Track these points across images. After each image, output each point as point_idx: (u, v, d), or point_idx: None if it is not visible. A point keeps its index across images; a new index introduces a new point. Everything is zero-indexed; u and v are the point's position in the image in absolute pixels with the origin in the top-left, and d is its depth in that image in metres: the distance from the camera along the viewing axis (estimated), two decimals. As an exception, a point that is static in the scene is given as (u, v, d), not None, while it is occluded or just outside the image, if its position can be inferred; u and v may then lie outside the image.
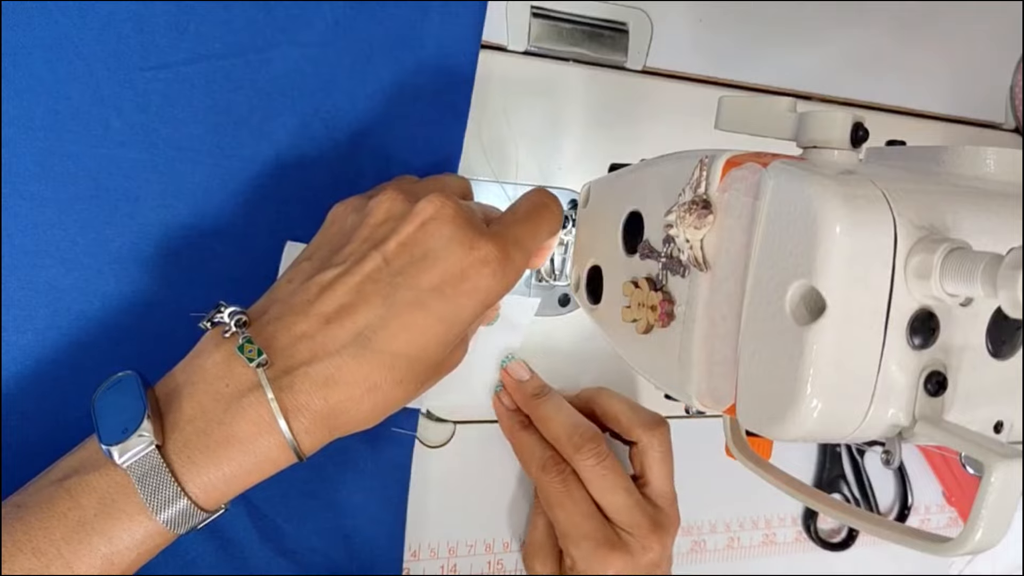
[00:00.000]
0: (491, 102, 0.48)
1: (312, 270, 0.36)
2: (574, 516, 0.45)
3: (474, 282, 0.35)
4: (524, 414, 0.48)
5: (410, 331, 0.34)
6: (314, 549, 0.45)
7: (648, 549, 0.45)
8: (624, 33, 0.52)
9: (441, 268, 0.34)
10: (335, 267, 0.35)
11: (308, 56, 0.43)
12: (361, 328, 0.34)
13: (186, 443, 0.32)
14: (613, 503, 0.45)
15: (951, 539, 0.29)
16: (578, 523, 0.45)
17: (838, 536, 0.63)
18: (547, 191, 0.40)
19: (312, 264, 0.36)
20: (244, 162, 0.43)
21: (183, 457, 0.32)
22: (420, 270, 0.34)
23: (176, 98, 0.41)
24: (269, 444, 0.33)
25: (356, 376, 0.33)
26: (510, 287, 0.36)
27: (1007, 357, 0.32)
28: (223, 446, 0.32)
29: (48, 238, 0.39)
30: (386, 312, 0.34)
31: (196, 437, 0.32)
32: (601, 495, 0.45)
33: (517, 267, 0.36)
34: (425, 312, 0.34)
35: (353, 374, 0.33)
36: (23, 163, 0.39)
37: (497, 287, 0.35)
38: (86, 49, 0.39)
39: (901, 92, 0.61)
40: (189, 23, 0.41)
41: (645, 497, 0.46)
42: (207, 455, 0.32)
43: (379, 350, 0.34)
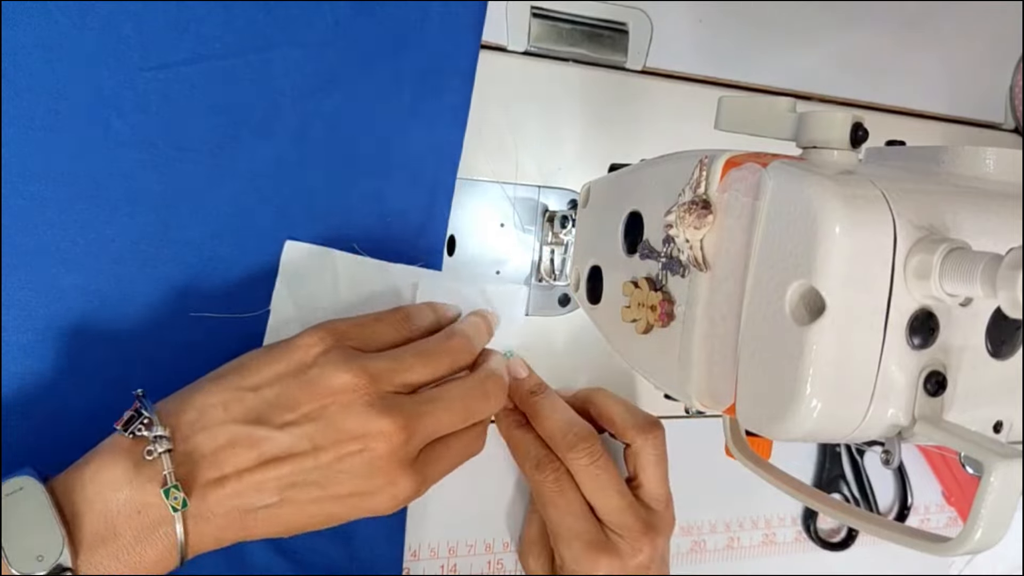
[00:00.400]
0: (491, 102, 0.48)
1: (251, 414, 0.37)
2: (566, 515, 0.45)
3: (375, 504, 0.38)
4: (520, 412, 0.48)
5: (298, 514, 0.37)
6: (314, 549, 0.45)
7: (638, 551, 0.45)
8: (624, 33, 0.52)
9: (355, 487, 0.37)
10: (270, 427, 0.36)
11: (308, 56, 0.43)
12: (265, 503, 0.36)
13: (97, 565, 0.34)
14: (605, 504, 0.45)
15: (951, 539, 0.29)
16: (569, 523, 0.45)
17: (838, 536, 0.63)
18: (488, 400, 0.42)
19: (255, 403, 0.37)
20: (244, 162, 0.43)
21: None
22: (337, 482, 0.37)
23: (176, 98, 0.41)
24: (173, 563, 0.35)
25: (248, 530, 0.37)
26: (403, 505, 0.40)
27: (1007, 357, 0.32)
28: (133, 569, 0.34)
29: (48, 238, 0.39)
30: (291, 495, 0.36)
31: (108, 561, 0.34)
32: (593, 495, 0.45)
33: (421, 493, 0.40)
34: (319, 507, 0.37)
35: (246, 528, 0.37)
36: (23, 163, 0.39)
37: (394, 509, 0.39)
38: (86, 49, 0.39)
39: (901, 92, 0.61)
40: (189, 23, 0.41)
41: (638, 499, 0.46)
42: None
43: (264, 519, 0.36)
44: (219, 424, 0.36)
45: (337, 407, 0.37)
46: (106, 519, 0.34)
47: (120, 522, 0.34)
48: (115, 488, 0.34)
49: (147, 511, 0.34)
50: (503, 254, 0.50)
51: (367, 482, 0.37)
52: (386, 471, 0.37)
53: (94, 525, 0.34)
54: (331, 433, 0.36)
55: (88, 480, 0.34)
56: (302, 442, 0.36)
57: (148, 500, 0.34)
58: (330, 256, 0.44)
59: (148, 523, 0.34)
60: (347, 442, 0.36)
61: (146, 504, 0.34)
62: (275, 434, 0.36)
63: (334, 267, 0.44)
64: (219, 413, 0.36)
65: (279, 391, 0.37)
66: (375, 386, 0.37)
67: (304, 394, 0.37)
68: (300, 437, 0.36)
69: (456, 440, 0.41)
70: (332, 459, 0.36)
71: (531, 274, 0.51)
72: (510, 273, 0.51)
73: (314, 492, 0.36)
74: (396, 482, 0.37)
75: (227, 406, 0.37)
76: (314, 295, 0.44)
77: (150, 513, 0.34)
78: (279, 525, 0.37)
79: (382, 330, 0.41)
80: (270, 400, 0.37)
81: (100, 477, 0.35)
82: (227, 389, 0.37)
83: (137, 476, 0.34)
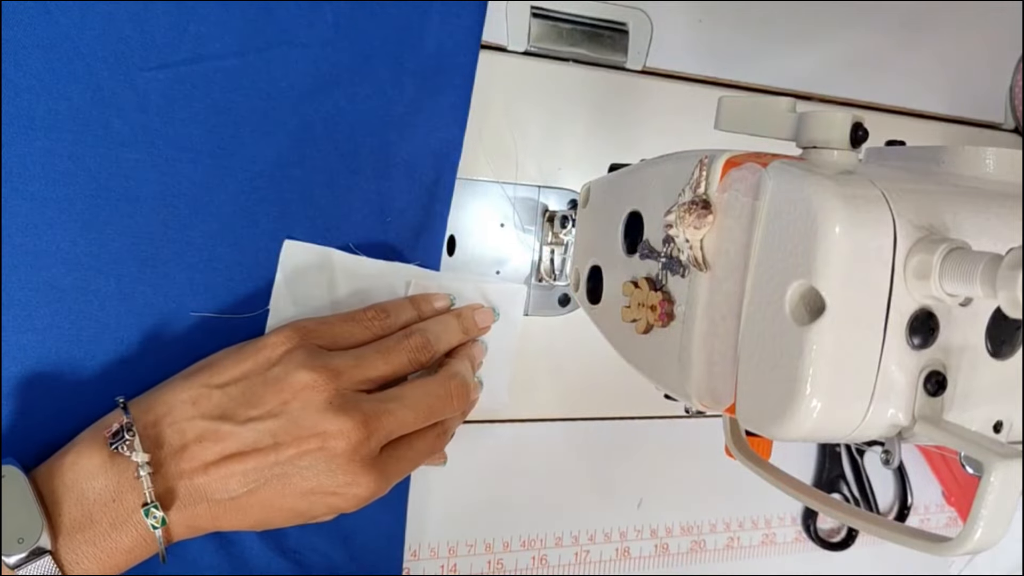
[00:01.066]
0: (491, 102, 0.48)
1: (217, 411, 0.38)
2: None
3: (338, 502, 0.39)
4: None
5: (262, 507, 0.38)
6: (314, 549, 0.45)
7: None
8: (624, 33, 0.52)
9: (316, 483, 0.38)
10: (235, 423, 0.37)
11: (308, 56, 0.43)
12: (230, 495, 0.37)
13: (75, 550, 0.35)
14: None
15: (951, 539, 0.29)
16: None
17: (837, 536, 0.63)
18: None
19: (221, 400, 0.38)
20: (244, 162, 0.42)
21: (71, 562, 0.35)
22: (300, 478, 0.38)
23: (176, 98, 0.41)
24: (148, 550, 0.37)
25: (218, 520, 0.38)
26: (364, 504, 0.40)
27: (1006, 357, 0.32)
28: (109, 555, 0.36)
29: (48, 238, 0.39)
30: (255, 488, 0.37)
31: (86, 546, 0.36)
32: None
33: (383, 492, 0.40)
34: (282, 501, 0.38)
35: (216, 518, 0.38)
36: (23, 163, 0.39)
37: (355, 508, 0.39)
38: (86, 49, 0.39)
39: (901, 92, 0.61)
40: (189, 23, 0.41)
41: None
42: (95, 562, 0.36)
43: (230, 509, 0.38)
44: (187, 419, 0.37)
45: (298, 404, 0.38)
46: (83, 506, 0.36)
47: (96, 509, 0.36)
48: (91, 477, 0.36)
49: (121, 499, 0.36)
50: (503, 254, 0.50)
51: (328, 479, 0.38)
52: (346, 469, 0.38)
53: (72, 511, 0.35)
54: (292, 429, 0.37)
55: (67, 468, 0.36)
56: (264, 438, 0.37)
57: (122, 488, 0.36)
58: (329, 255, 0.44)
59: (123, 511, 0.36)
60: (307, 439, 0.37)
61: (120, 492, 0.36)
62: (239, 429, 0.37)
63: (332, 266, 0.44)
64: (188, 409, 0.38)
65: (244, 388, 0.38)
66: (335, 383, 0.38)
67: (268, 391, 0.38)
68: (263, 433, 0.37)
69: (418, 439, 0.42)
70: (293, 455, 0.37)
71: (531, 274, 0.51)
72: (510, 273, 0.51)
73: (277, 487, 0.37)
74: (357, 480, 0.38)
75: (195, 402, 0.38)
76: (313, 294, 0.44)
77: (124, 501, 0.36)
78: (248, 517, 0.38)
79: (351, 329, 0.42)
80: (236, 397, 0.38)
81: (77, 466, 0.36)
82: (196, 386, 0.38)
83: (113, 466, 0.36)
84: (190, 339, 0.42)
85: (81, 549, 0.36)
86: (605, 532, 0.55)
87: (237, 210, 0.43)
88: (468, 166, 0.48)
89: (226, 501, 0.37)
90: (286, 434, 0.37)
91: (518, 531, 0.52)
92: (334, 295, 0.45)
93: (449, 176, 0.47)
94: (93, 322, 0.41)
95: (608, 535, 0.55)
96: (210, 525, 0.38)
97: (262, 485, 0.37)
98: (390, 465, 0.40)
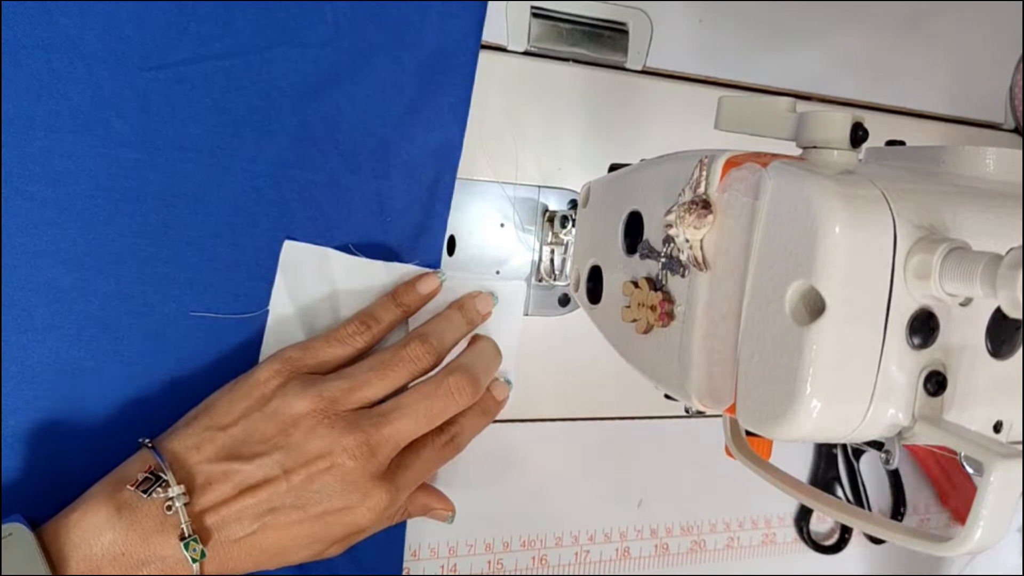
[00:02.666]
0: (491, 102, 0.48)
1: (223, 452, 0.38)
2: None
3: (354, 518, 0.39)
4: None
5: (281, 537, 0.38)
6: (314, 549, 0.45)
7: None
8: (624, 33, 0.52)
9: (331, 504, 0.38)
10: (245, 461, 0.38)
11: (308, 56, 0.43)
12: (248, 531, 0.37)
13: None
14: None
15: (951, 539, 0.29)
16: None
17: (831, 539, 0.63)
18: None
19: (226, 441, 0.38)
20: (244, 162, 0.43)
21: None
22: (314, 502, 0.38)
23: (176, 98, 0.41)
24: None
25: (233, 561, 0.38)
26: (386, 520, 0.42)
27: (1007, 357, 0.32)
28: None
29: (48, 238, 0.39)
30: (271, 520, 0.38)
31: None
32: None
33: (398, 503, 0.41)
34: (300, 528, 0.38)
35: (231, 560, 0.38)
36: (23, 163, 0.39)
37: (374, 523, 0.40)
38: (86, 49, 0.39)
39: (901, 92, 0.61)
40: (189, 23, 0.41)
41: None
42: None
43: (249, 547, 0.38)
44: (195, 465, 0.38)
45: (301, 433, 0.38)
46: (90, 562, 0.35)
47: (104, 565, 0.36)
48: (98, 532, 0.36)
49: (130, 553, 0.36)
50: (503, 254, 0.50)
51: (342, 498, 0.38)
52: (358, 485, 0.38)
53: (79, 568, 0.35)
54: (299, 456, 0.38)
55: (72, 526, 0.36)
56: (273, 469, 0.38)
57: (130, 543, 0.36)
58: (328, 255, 0.44)
59: (131, 564, 0.36)
60: (315, 461, 0.38)
61: (128, 546, 0.36)
62: (247, 466, 0.38)
63: (332, 267, 0.44)
64: (193, 455, 0.38)
65: (246, 426, 0.39)
66: (334, 408, 0.39)
67: (270, 426, 0.39)
68: (271, 465, 0.38)
69: (424, 447, 0.42)
70: (304, 479, 0.38)
71: (531, 274, 0.51)
72: (510, 273, 0.51)
73: (292, 515, 0.38)
74: (370, 494, 0.39)
75: (200, 448, 0.38)
76: (313, 294, 0.44)
77: (133, 555, 0.36)
78: (263, 553, 0.38)
79: (335, 351, 0.42)
80: (239, 436, 0.39)
81: (84, 522, 0.36)
82: (198, 431, 0.39)
83: (119, 521, 0.36)
84: (190, 339, 0.42)
85: None
86: (605, 532, 0.55)
87: (237, 210, 0.43)
88: (468, 166, 0.48)
89: (240, 540, 0.37)
90: (293, 462, 0.38)
91: (518, 531, 0.52)
92: (334, 295, 0.45)
93: (449, 176, 0.47)
94: (93, 322, 0.41)
95: (608, 535, 0.55)
96: (224, 565, 0.38)
97: (277, 516, 0.38)
98: (399, 476, 0.41)
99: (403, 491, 0.41)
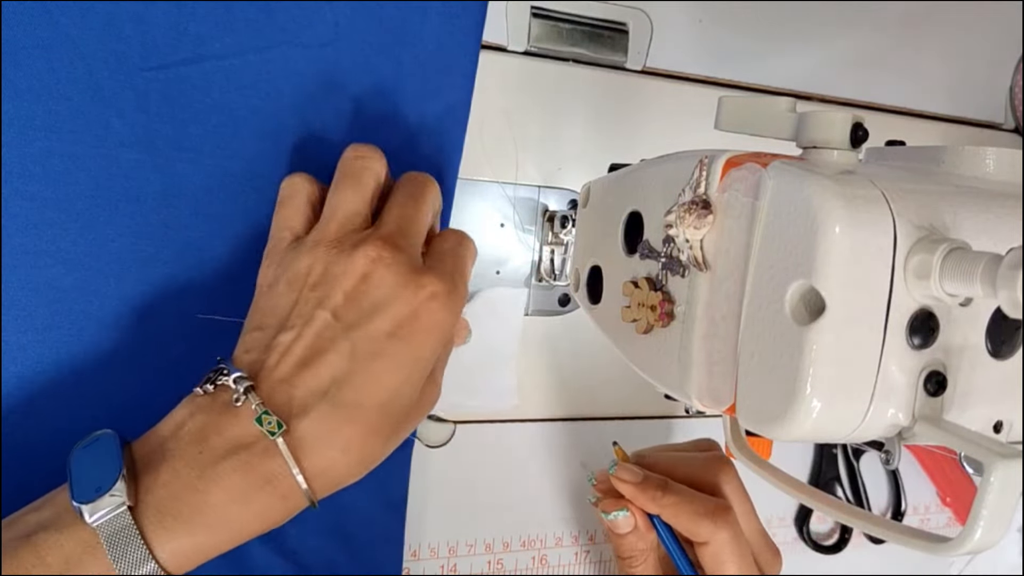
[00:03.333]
0: (491, 102, 0.48)
1: (266, 339, 0.36)
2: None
3: (427, 319, 0.36)
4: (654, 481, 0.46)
5: (376, 381, 0.35)
6: (314, 549, 0.45)
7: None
8: (624, 33, 0.52)
9: (392, 313, 0.35)
10: (287, 331, 0.35)
11: (308, 56, 0.43)
12: (326, 386, 0.34)
13: (158, 507, 0.32)
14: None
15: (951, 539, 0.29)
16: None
17: (831, 539, 0.63)
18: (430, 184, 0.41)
19: (264, 334, 0.36)
20: (244, 162, 0.42)
21: (154, 521, 0.32)
22: (372, 319, 0.35)
23: (176, 98, 0.41)
24: (242, 513, 0.33)
25: (328, 436, 0.34)
26: (459, 316, 0.37)
27: (1007, 357, 0.32)
28: (196, 513, 0.33)
29: (48, 238, 0.39)
30: (348, 366, 0.34)
31: (169, 502, 0.32)
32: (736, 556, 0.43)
33: (461, 295, 0.37)
34: (386, 359, 0.35)
35: (325, 434, 0.34)
36: (23, 163, 0.39)
37: (449, 318, 0.36)
38: (86, 49, 0.39)
39: (901, 92, 0.61)
40: (189, 23, 0.41)
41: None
42: (179, 521, 0.32)
43: (347, 404, 0.34)
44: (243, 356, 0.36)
45: (317, 275, 0.36)
46: (169, 462, 0.33)
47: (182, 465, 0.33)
48: (177, 434, 0.34)
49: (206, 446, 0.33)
50: (503, 254, 0.50)
51: (398, 303, 0.35)
52: (404, 280, 0.35)
53: (160, 470, 0.33)
54: (329, 289, 0.36)
55: (157, 431, 0.35)
56: (317, 316, 0.35)
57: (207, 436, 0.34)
58: None
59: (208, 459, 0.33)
60: (346, 281, 0.35)
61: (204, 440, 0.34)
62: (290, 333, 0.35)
63: None
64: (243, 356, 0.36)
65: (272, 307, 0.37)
66: (333, 242, 0.37)
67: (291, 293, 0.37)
68: (309, 314, 0.35)
69: (441, 239, 0.41)
70: (346, 304, 0.35)
71: (531, 274, 0.51)
72: (510, 273, 0.51)
73: (363, 345, 0.34)
74: (422, 283, 0.35)
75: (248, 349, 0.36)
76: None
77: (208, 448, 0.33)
78: (364, 405, 0.34)
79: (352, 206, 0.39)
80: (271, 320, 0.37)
81: (166, 427, 0.35)
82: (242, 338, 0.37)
83: (197, 411, 0.34)
84: (190, 339, 0.42)
85: (165, 505, 0.32)
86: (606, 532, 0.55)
87: (237, 210, 0.43)
88: (468, 166, 0.48)
89: (332, 395, 0.34)
90: (328, 298, 0.35)
91: (518, 531, 0.52)
92: None
93: (450, 176, 0.47)
94: (93, 322, 0.41)
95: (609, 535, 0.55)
96: (337, 432, 0.34)
97: (349, 360, 0.34)
98: (439, 264, 0.38)
99: (455, 276, 0.37)
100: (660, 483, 0.45)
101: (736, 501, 0.45)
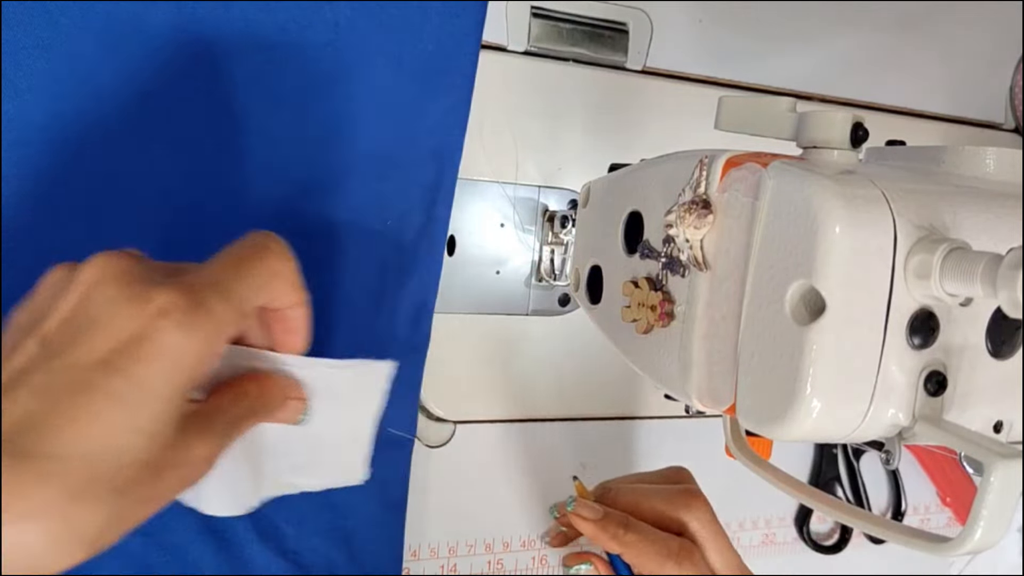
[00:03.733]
0: (491, 102, 0.48)
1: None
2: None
3: (155, 341, 0.27)
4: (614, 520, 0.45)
5: (75, 423, 0.25)
6: (314, 549, 0.45)
7: None
8: (624, 33, 0.52)
9: (108, 335, 0.27)
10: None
11: (308, 56, 0.43)
12: (9, 433, 0.25)
13: None
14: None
15: (951, 539, 0.29)
16: None
17: (831, 539, 0.63)
18: (266, 233, 0.33)
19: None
20: (244, 162, 0.42)
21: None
22: (79, 344, 0.27)
23: (177, 98, 0.41)
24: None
25: (9, 502, 0.24)
26: (214, 340, 0.28)
27: (1007, 357, 0.32)
28: None
29: (48, 238, 0.39)
30: (39, 406, 0.25)
31: None
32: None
33: (218, 314, 0.28)
34: (93, 393, 0.26)
35: (4, 499, 0.24)
36: (23, 163, 0.39)
37: (191, 342, 0.27)
38: (86, 49, 0.39)
39: (901, 92, 0.61)
40: (190, 23, 0.41)
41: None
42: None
43: (35, 456, 0.25)
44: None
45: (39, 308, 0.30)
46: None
47: None
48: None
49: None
50: (503, 254, 0.50)
51: (112, 320, 0.27)
52: (131, 288, 0.28)
53: None
54: (58, 295, 0.29)
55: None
56: (14, 336, 0.29)
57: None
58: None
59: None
60: (76, 290, 0.28)
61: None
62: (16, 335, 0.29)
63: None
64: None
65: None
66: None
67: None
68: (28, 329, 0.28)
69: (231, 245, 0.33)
70: (57, 326, 0.28)
71: (531, 274, 0.51)
72: (510, 273, 0.51)
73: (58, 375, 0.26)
74: (149, 297, 0.27)
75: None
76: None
77: None
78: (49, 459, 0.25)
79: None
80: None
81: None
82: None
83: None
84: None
85: None
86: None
87: (237, 210, 0.43)
88: (468, 166, 0.48)
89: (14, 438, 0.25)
90: (40, 323, 0.28)
91: (518, 531, 0.52)
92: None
93: (450, 177, 0.47)
94: (93, 322, 0.40)
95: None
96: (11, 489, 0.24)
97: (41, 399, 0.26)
98: (190, 277, 0.29)
99: (206, 290, 0.28)
100: (621, 521, 0.44)
101: (707, 538, 0.44)
